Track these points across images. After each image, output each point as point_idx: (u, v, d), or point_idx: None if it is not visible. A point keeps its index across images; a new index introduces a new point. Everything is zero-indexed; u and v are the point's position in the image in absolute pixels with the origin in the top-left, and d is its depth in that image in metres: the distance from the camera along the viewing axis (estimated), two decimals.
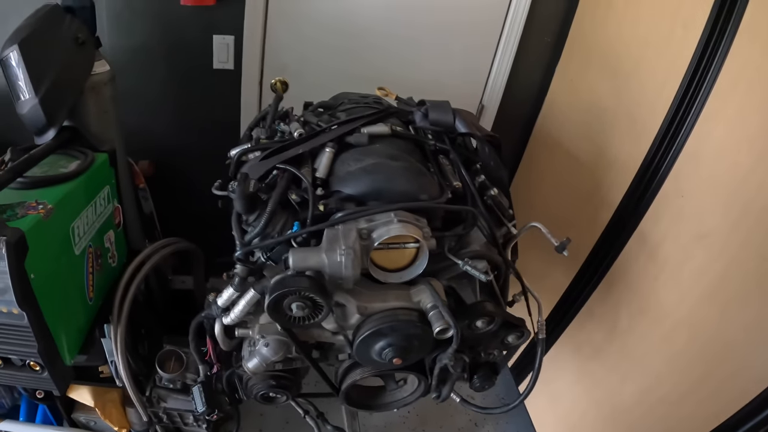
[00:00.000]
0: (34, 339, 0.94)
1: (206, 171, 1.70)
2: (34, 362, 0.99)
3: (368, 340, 0.77)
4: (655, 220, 1.20)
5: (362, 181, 0.81)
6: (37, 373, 1.01)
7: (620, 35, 1.36)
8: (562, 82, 1.61)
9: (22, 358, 0.99)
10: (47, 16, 1.05)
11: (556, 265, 1.57)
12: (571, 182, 1.54)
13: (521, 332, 0.90)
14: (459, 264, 0.80)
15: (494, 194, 0.91)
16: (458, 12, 1.52)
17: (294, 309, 0.70)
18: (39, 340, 0.94)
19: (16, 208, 0.91)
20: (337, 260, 0.69)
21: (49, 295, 0.93)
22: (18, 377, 1.03)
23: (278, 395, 0.96)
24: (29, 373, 1.02)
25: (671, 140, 1.15)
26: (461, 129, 0.95)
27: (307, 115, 1.06)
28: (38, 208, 0.92)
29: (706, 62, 1.08)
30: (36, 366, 0.99)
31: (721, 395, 1.00)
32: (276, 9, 1.45)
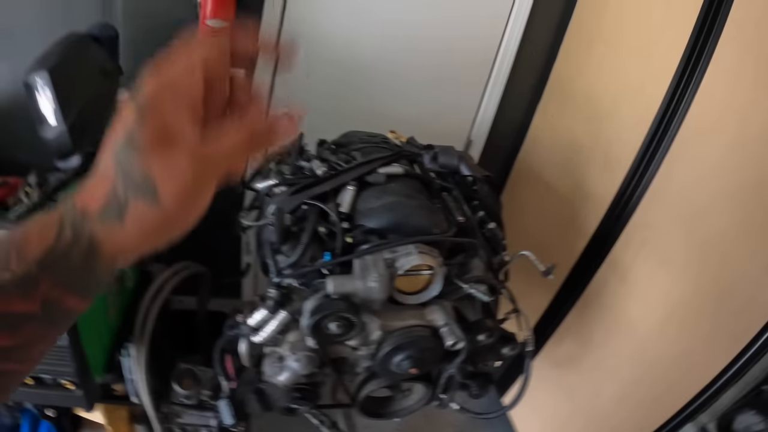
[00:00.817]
0: (71, 359, 1.01)
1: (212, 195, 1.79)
2: (68, 381, 1.05)
3: (390, 354, 0.89)
4: (626, 247, 1.37)
5: (384, 217, 0.93)
6: (69, 392, 1.07)
7: (598, 83, 1.55)
8: (543, 120, 1.80)
9: (56, 377, 1.05)
10: (75, 44, 1.11)
11: (536, 287, 1.73)
12: (550, 212, 1.71)
13: (514, 344, 1.04)
14: (464, 287, 0.94)
15: (492, 228, 1.06)
16: (452, 55, 1.69)
17: (332, 327, 0.82)
18: (75, 359, 1.01)
19: None
20: (370, 286, 0.81)
21: (84, 318, 1.01)
22: (48, 396, 1.09)
23: (300, 406, 1.06)
24: (61, 392, 1.08)
25: (640, 177, 1.33)
26: (465, 171, 1.10)
27: (324, 153, 1.19)
28: None
29: (671, 113, 1.26)
30: (69, 385, 1.06)
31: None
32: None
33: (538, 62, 1.76)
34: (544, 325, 1.68)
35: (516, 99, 1.82)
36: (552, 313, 1.65)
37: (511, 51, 1.69)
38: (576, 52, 1.66)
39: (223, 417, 1.07)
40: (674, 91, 1.24)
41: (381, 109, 1.68)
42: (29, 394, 1.09)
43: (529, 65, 1.76)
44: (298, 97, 1.68)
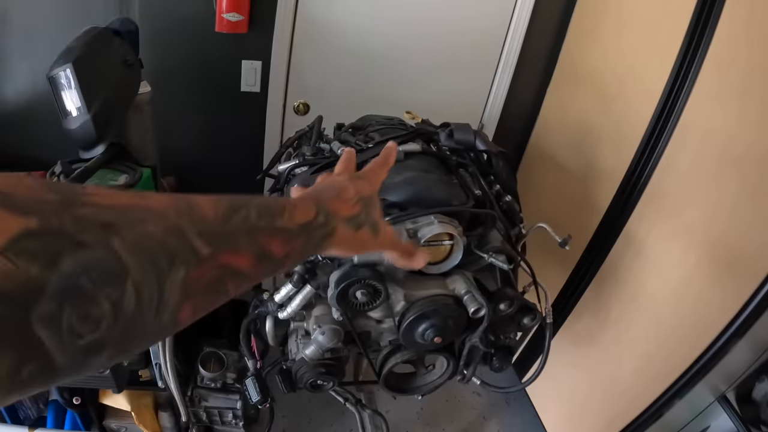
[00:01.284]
0: None
1: (227, 187, 1.83)
2: None
3: (414, 323, 0.91)
4: (640, 221, 1.39)
5: (404, 191, 0.96)
6: (99, 373, 1.11)
7: (605, 63, 1.57)
8: (553, 102, 1.81)
9: None
10: (97, 38, 1.15)
11: (554, 265, 1.75)
12: (563, 191, 1.73)
13: (534, 314, 1.06)
14: (485, 257, 0.96)
15: (508, 200, 1.08)
16: (461, 40, 1.71)
17: (358, 296, 0.85)
18: None
19: None
20: None
21: None
22: (79, 379, 1.13)
23: (326, 382, 1.08)
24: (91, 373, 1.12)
25: (651, 151, 1.35)
26: (480, 147, 1.12)
27: (343, 135, 1.22)
28: None
29: (679, 85, 1.28)
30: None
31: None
32: (301, 37, 1.62)
33: (546, 46, 1.78)
34: (562, 303, 1.70)
35: (526, 83, 1.84)
36: (569, 290, 1.67)
37: (519, 35, 1.71)
38: (582, 34, 1.68)
39: (250, 394, 1.10)
40: (680, 65, 1.25)
41: (394, 96, 1.70)
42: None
43: (538, 49, 1.78)
44: (314, 86, 1.72)
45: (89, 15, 1.43)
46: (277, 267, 0.35)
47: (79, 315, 0.22)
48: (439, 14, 1.64)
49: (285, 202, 0.37)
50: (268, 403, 1.11)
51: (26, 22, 1.47)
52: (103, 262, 0.23)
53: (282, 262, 0.35)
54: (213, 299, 0.30)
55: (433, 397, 2.03)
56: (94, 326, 0.23)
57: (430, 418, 1.96)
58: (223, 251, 0.29)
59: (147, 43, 1.33)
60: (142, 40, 1.32)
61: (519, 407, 2.05)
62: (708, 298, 1.18)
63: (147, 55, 1.33)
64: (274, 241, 0.34)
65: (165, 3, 1.48)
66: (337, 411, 1.88)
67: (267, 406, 1.12)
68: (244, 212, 0.32)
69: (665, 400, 1.30)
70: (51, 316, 0.21)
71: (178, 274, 0.26)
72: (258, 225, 0.33)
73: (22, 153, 1.53)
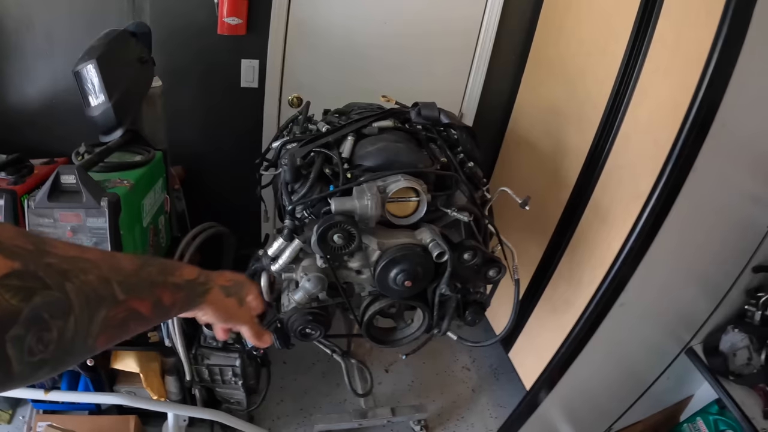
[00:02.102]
0: None
1: (231, 175, 2.00)
2: None
3: (387, 267, 1.06)
4: (604, 190, 1.52)
5: (377, 157, 1.12)
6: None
7: (569, 50, 1.72)
8: (527, 89, 1.96)
9: None
10: (117, 38, 1.32)
11: (531, 241, 1.88)
12: (538, 170, 1.87)
13: (499, 267, 1.19)
14: (448, 212, 1.11)
15: (471, 166, 1.23)
16: (438, 37, 1.88)
17: (336, 239, 0.99)
18: None
19: (106, 183, 1.19)
20: (365, 203, 0.99)
21: (130, 252, 1.20)
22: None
23: (313, 331, 1.22)
24: None
25: (610, 126, 1.49)
26: (444, 120, 1.27)
27: (328, 118, 1.38)
28: (123, 183, 1.21)
29: (630, 68, 1.43)
30: None
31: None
32: (293, 37, 1.80)
33: (517, 38, 1.94)
34: (541, 274, 1.83)
35: (500, 74, 1.99)
36: (546, 261, 1.80)
37: (491, 32, 1.88)
38: (550, 24, 1.83)
39: (246, 343, 1.25)
40: (632, 47, 1.40)
41: (377, 89, 1.86)
42: None
43: (510, 44, 1.94)
44: (306, 81, 1.89)
45: (104, 20, 1.60)
46: (166, 313, 0.47)
47: (37, 338, 0.29)
48: (415, 15, 1.82)
49: (178, 264, 0.51)
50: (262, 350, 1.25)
51: (48, 27, 1.64)
52: (59, 300, 0.31)
53: (170, 310, 0.47)
54: (120, 334, 0.39)
55: (424, 370, 2.17)
56: (44, 347, 0.30)
57: (421, 390, 2.08)
58: (132, 298, 0.39)
59: (158, 44, 1.51)
60: (153, 42, 1.50)
61: (506, 381, 2.16)
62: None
63: (158, 54, 1.51)
64: (166, 293, 0.46)
65: (173, 9, 1.67)
66: (332, 383, 2.01)
67: (261, 352, 1.26)
68: (148, 269, 0.44)
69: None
70: (19, 337, 0.28)
71: (101, 312, 0.35)
72: (157, 279, 0.45)
73: (39, 146, 1.68)
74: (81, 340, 0.33)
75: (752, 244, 1.39)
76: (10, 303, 0.28)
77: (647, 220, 1.20)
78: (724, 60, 1.03)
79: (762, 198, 1.33)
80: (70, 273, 0.33)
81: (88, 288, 0.34)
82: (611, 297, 1.29)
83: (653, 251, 1.24)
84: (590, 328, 1.33)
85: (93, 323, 0.34)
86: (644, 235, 1.22)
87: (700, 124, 1.18)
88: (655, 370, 1.63)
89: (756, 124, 1.17)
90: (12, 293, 0.28)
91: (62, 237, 1.12)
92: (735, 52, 1.02)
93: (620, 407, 1.71)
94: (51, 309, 0.30)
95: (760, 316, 1.43)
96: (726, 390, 1.44)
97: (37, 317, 0.29)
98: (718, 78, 1.05)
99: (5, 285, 0.28)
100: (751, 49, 1.03)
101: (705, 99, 1.12)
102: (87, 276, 0.34)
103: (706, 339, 1.57)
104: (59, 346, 0.31)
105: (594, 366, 1.57)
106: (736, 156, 1.20)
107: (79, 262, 0.34)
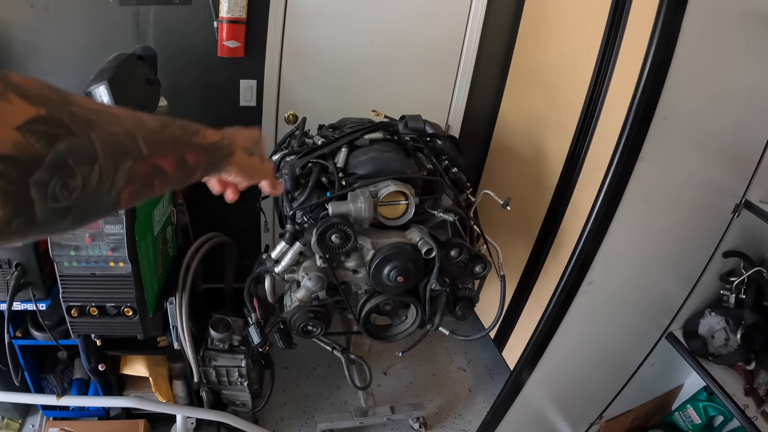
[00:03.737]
0: (133, 287, 1.28)
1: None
2: (129, 308, 1.31)
3: (381, 265, 1.16)
4: (582, 190, 1.63)
5: (369, 165, 1.23)
6: (129, 318, 1.33)
7: (546, 60, 1.85)
8: (509, 101, 2.09)
9: (119, 304, 1.30)
10: (125, 61, 1.42)
11: (518, 243, 1.99)
12: (522, 175, 1.99)
13: (484, 263, 1.30)
14: (435, 214, 1.22)
15: (455, 172, 1.34)
16: (422, 56, 2.02)
17: (333, 239, 1.10)
18: (137, 288, 1.29)
19: None
20: (359, 206, 1.10)
21: (142, 257, 1.30)
22: (110, 325, 1.33)
23: (315, 328, 1.32)
24: (121, 319, 1.33)
25: (585, 131, 1.61)
26: (430, 131, 1.39)
27: (323, 132, 1.50)
28: None
29: (602, 74, 1.55)
30: (129, 312, 1.31)
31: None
32: (288, 59, 1.92)
33: (498, 55, 2.08)
34: (529, 274, 1.93)
35: (483, 87, 2.13)
36: (533, 261, 1.90)
37: (473, 47, 2.02)
38: (528, 38, 1.97)
39: (253, 338, 1.33)
40: (603, 54, 1.53)
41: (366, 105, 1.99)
42: (94, 325, 1.33)
43: (491, 59, 2.08)
44: (301, 99, 2.01)
45: (110, 44, 1.70)
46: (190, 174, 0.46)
47: (61, 184, 0.29)
48: (401, 35, 1.95)
49: (200, 126, 0.49)
50: (267, 347, 1.34)
51: (55, 51, 1.74)
52: (83, 147, 0.31)
53: (194, 170, 0.47)
54: (144, 191, 0.39)
55: (421, 372, 2.25)
56: (68, 194, 0.30)
57: (419, 390, 2.16)
58: (156, 154, 0.39)
59: (161, 66, 1.62)
60: (157, 64, 1.61)
61: (501, 379, 2.24)
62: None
63: (162, 76, 1.62)
64: (190, 153, 0.45)
65: (175, 33, 1.79)
66: (332, 386, 2.09)
67: (267, 349, 1.35)
68: (172, 128, 0.44)
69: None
70: (43, 182, 0.28)
71: (126, 164, 0.35)
72: (181, 138, 0.45)
73: None
74: (105, 191, 0.34)
75: (719, 229, 1.50)
76: (34, 147, 0.27)
77: (603, 200, 1.27)
78: (661, 53, 1.12)
79: (723, 186, 1.44)
80: (95, 123, 0.33)
81: (114, 139, 0.34)
82: (578, 275, 1.37)
83: (613, 232, 1.31)
84: (563, 304, 1.40)
85: (118, 174, 0.34)
86: (601, 215, 1.29)
87: (642, 113, 1.27)
88: (639, 355, 1.72)
89: (695, 112, 1.25)
90: (36, 137, 0.28)
91: (82, 243, 1.21)
92: (671, 47, 1.11)
93: (608, 393, 1.79)
94: (75, 155, 0.30)
95: (734, 299, 1.53)
96: (707, 371, 1.54)
97: (62, 163, 0.29)
98: (655, 69, 1.13)
99: (29, 129, 0.27)
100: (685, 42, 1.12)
101: (645, 88, 1.17)
102: (112, 127, 0.34)
103: (686, 324, 1.67)
104: (83, 194, 0.31)
105: (572, 346, 1.62)
106: (688, 147, 1.30)
107: (103, 115, 0.34)
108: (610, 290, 1.45)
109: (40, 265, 1.32)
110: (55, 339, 1.41)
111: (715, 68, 1.23)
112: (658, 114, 1.15)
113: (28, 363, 1.61)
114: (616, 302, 1.51)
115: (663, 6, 1.04)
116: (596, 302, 1.45)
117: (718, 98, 1.29)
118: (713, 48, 1.20)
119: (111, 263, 1.25)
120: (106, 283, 1.27)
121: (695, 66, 1.17)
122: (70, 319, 1.32)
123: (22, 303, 1.35)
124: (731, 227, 1.53)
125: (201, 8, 1.76)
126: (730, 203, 1.49)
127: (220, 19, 1.73)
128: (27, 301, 1.34)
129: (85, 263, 1.24)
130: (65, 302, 1.29)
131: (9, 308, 1.28)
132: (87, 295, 1.29)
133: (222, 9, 1.71)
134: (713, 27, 1.17)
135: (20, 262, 1.29)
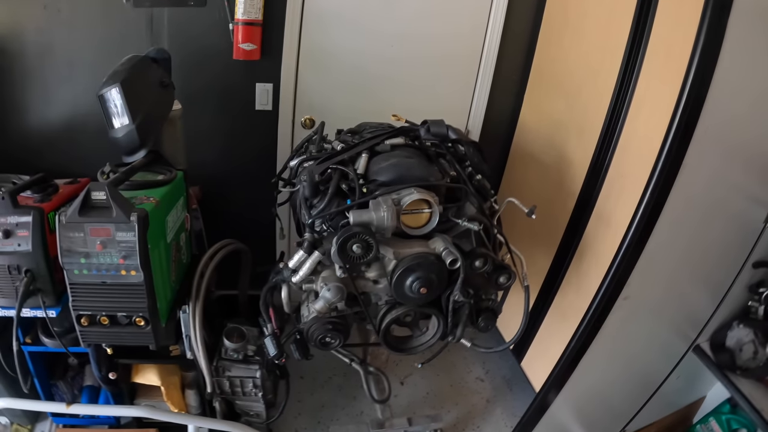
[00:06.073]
0: (145, 296, 1.23)
1: (246, 194, 2.08)
2: (141, 318, 1.26)
3: (403, 275, 1.11)
4: (607, 198, 1.57)
5: (390, 172, 1.18)
6: (140, 328, 1.27)
7: (567, 66, 1.80)
8: (530, 106, 2.04)
9: (131, 314, 1.25)
10: (139, 63, 1.40)
11: (540, 251, 1.93)
12: (543, 181, 1.93)
13: (509, 273, 1.24)
14: (459, 222, 1.17)
15: (479, 179, 1.29)
16: (442, 59, 1.97)
17: (355, 249, 1.05)
18: (149, 297, 1.24)
19: (133, 200, 1.24)
20: (381, 215, 1.05)
21: (155, 265, 1.25)
22: (121, 334, 1.28)
23: (333, 339, 1.27)
24: (133, 329, 1.28)
25: (609, 138, 1.55)
26: (453, 136, 1.34)
27: (342, 137, 1.45)
28: (150, 200, 1.27)
29: (627, 79, 1.49)
30: (141, 321, 1.26)
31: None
32: (305, 62, 1.89)
33: (519, 59, 2.03)
34: (550, 283, 1.87)
35: (504, 92, 2.08)
36: (554, 271, 1.84)
37: (493, 50, 1.97)
38: (549, 44, 1.92)
39: (269, 350, 1.29)
40: (627, 60, 1.48)
41: (387, 110, 1.95)
42: (105, 335, 1.29)
43: (512, 63, 2.03)
44: (317, 103, 1.98)
45: (124, 47, 1.66)
46: None
47: None
48: (420, 38, 1.91)
49: None
50: (284, 358, 1.29)
51: (68, 54, 1.72)
52: None
53: None
54: None
55: (439, 382, 2.19)
56: None
57: (436, 401, 2.10)
58: None
59: (175, 69, 1.59)
60: (172, 67, 1.58)
61: (520, 390, 2.18)
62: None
63: (176, 79, 1.59)
64: None
65: (190, 36, 1.76)
66: (349, 396, 2.04)
67: (283, 361, 1.30)
68: None
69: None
70: None
71: None
72: None
73: (58, 168, 1.70)
74: None
75: (750, 240, 1.44)
76: None
77: (643, 213, 1.24)
78: (705, 60, 1.08)
79: (756, 195, 1.39)
80: None
81: None
82: (615, 290, 1.32)
83: (651, 246, 1.27)
84: (597, 321, 1.36)
85: None
86: (641, 229, 1.25)
87: (685, 123, 1.22)
88: (664, 369, 1.66)
89: (732, 120, 1.21)
90: None
91: (92, 251, 1.17)
92: (715, 53, 1.07)
93: (632, 408, 1.73)
94: None
95: (763, 311, 1.47)
96: (735, 384, 1.47)
97: None
98: (700, 78, 1.09)
99: None
100: (731, 47, 1.07)
101: (689, 98, 1.15)
102: None
103: (713, 336, 1.60)
104: None
105: (602, 363, 1.59)
106: (725, 156, 1.25)
107: None
108: (645, 304, 1.39)
109: (50, 271, 1.29)
110: (65, 347, 1.38)
111: (755, 74, 1.17)
112: (701, 123, 1.09)
113: (38, 369, 1.58)
114: (650, 316, 1.46)
115: (708, 9, 0.99)
116: (630, 318, 1.39)
117: (755, 105, 1.23)
118: (754, 52, 1.15)
119: (122, 271, 1.21)
120: (118, 291, 1.23)
121: (737, 72, 1.11)
122: (80, 328, 1.28)
123: (31, 309, 1.32)
124: (762, 237, 1.46)
125: (216, 10, 1.73)
126: (762, 213, 1.43)
127: (236, 21, 1.70)
128: (36, 308, 1.31)
129: (95, 271, 1.20)
130: (75, 311, 1.25)
131: (18, 315, 1.25)
132: (97, 304, 1.25)
133: (238, 11, 1.68)
134: (756, 30, 1.11)
135: (30, 268, 1.26)
